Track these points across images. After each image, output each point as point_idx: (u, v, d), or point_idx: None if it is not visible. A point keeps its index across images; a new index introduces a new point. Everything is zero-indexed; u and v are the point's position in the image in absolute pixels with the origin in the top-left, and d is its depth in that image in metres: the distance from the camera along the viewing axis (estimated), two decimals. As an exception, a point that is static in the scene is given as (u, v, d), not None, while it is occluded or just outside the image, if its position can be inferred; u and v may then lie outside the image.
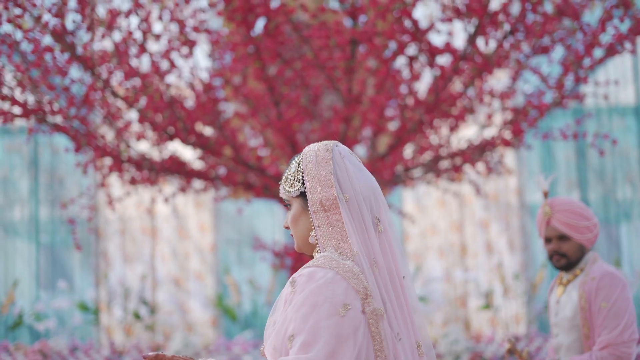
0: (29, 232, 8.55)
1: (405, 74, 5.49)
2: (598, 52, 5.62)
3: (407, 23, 4.91)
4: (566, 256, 3.43)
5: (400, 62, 5.44)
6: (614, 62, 8.17)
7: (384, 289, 2.01)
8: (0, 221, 8.55)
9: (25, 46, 4.82)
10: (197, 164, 5.94)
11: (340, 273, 1.97)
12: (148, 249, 8.79)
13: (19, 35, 4.64)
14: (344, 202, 2.04)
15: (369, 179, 2.09)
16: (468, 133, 7.40)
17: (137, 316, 8.29)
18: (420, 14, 7.79)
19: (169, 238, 8.82)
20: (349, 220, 2.03)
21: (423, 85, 6.11)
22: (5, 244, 8.50)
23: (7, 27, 4.73)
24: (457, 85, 5.49)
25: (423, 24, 6.92)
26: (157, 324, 8.49)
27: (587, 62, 5.38)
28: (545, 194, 3.51)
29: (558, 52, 6.11)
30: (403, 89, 5.57)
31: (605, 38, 5.40)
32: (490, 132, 6.09)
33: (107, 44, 5.14)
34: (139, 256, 8.78)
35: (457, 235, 8.78)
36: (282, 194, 2.16)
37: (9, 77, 4.77)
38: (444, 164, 5.94)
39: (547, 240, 3.47)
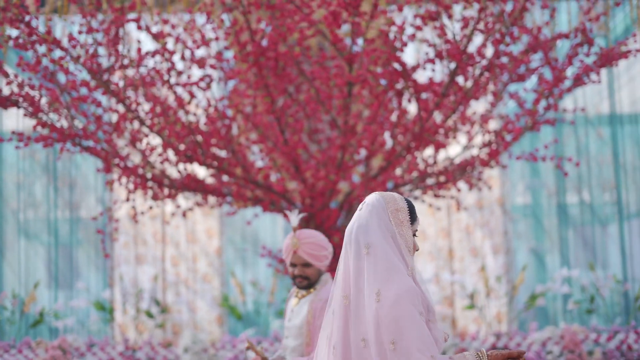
0: (48, 235, 8.66)
1: (395, 104, 5.88)
2: (568, 82, 6.20)
3: (396, 66, 5.40)
4: (308, 279, 4.08)
5: (391, 94, 5.80)
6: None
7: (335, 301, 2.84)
8: (21, 224, 8.67)
9: (61, 76, 5.36)
10: (210, 180, 6.29)
11: None
12: (159, 252, 8.88)
13: (57, 69, 5.19)
14: None
15: (351, 222, 2.84)
16: (452, 151, 7.64)
17: (149, 315, 8.41)
18: (410, 49, 8.30)
19: (179, 242, 8.93)
20: None
21: (411, 111, 6.58)
22: (26, 246, 8.64)
23: (45, 61, 5.29)
24: (439, 116, 5.88)
25: (410, 59, 7.40)
26: (167, 322, 8.60)
27: (556, 91, 5.93)
28: (294, 229, 4.07)
29: (533, 80, 6.66)
30: (393, 117, 5.97)
31: (573, 70, 5.97)
32: (471, 152, 6.48)
33: (131, 72, 5.57)
34: (151, 259, 8.87)
35: (445, 240, 8.90)
36: None
37: (44, 102, 5.32)
38: (430, 180, 6.29)
39: (293, 265, 4.10)
